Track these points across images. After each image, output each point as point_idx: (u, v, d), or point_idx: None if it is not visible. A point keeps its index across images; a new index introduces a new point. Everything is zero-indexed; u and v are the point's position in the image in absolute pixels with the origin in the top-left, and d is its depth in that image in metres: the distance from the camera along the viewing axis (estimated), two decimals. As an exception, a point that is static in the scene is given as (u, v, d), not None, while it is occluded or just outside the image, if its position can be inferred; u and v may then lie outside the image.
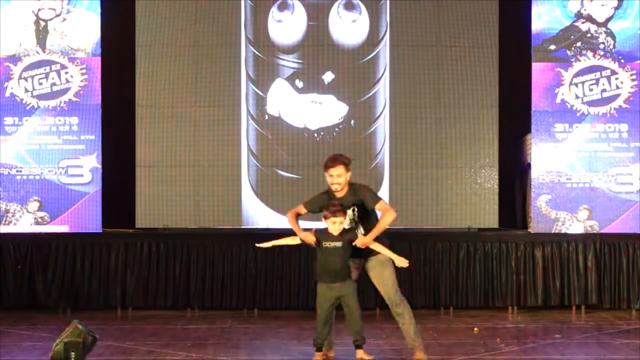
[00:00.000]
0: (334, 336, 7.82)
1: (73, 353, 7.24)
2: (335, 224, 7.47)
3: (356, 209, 7.54)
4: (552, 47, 10.88)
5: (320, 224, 7.74)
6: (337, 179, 7.53)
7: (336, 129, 11.01)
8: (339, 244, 7.47)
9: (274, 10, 10.94)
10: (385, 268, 7.57)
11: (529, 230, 10.97)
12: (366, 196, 7.57)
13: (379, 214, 7.66)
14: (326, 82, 10.99)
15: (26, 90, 10.75)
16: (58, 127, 10.77)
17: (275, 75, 11.00)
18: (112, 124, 10.94)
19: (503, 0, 11.05)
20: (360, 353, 7.53)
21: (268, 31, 10.97)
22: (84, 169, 10.75)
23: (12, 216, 10.70)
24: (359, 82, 11.00)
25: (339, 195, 7.58)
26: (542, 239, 10.72)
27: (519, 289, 10.64)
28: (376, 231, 7.48)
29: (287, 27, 10.95)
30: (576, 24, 10.90)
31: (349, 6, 10.93)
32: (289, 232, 10.91)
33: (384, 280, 7.58)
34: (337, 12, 10.91)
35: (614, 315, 10.41)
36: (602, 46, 10.86)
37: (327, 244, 7.48)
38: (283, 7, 10.93)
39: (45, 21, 10.78)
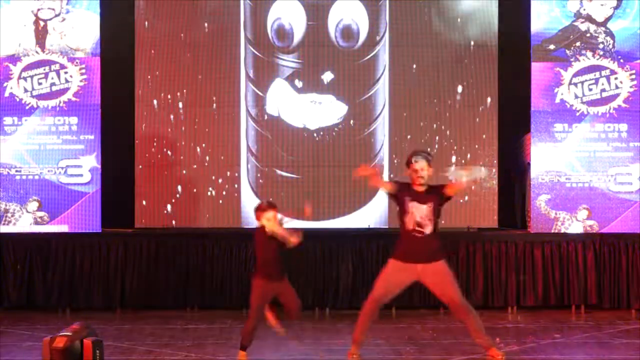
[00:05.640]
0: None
1: (98, 352, 7.25)
2: (270, 221, 7.48)
3: (432, 206, 7.54)
4: (552, 46, 10.88)
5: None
6: (421, 172, 7.59)
7: (335, 129, 11.01)
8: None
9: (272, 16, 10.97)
10: (446, 275, 7.59)
11: (528, 230, 10.97)
12: (438, 186, 7.67)
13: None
14: (325, 82, 10.99)
15: (25, 90, 10.75)
16: (57, 127, 10.76)
17: (274, 75, 11.00)
18: (112, 124, 10.94)
19: (503, 0, 11.05)
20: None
21: (267, 31, 10.97)
22: (84, 168, 10.75)
23: (12, 216, 10.70)
24: (359, 82, 11.00)
25: (420, 189, 7.60)
26: (541, 238, 10.72)
27: (518, 288, 10.64)
28: (459, 185, 7.70)
29: (287, 27, 10.97)
30: (575, 23, 10.90)
31: (347, 37, 10.93)
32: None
33: (445, 287, 7.59)
34: (336, 38, 10.93)
35: (613, 314, 10.40)
36: (601, 46, 10.86)
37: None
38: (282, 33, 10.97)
39: (45, 21, 10.77)
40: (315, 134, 11.00)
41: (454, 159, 11.01)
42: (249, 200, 10.96)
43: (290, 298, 7.58)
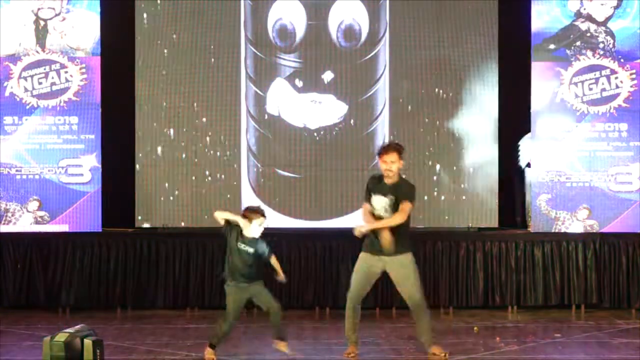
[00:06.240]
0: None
1: (98, 351, 7.26)
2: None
3: (393, 200, 7.55)
4: (552, 46, 10.87)
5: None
6: (391, 165, 7.63)
7: (336, 129, 11.00)
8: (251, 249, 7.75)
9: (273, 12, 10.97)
10: (409, 270, 7.61)
11: (528, 229, 10.97)
12: (404, 191, 7.63)
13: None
14: (326, 82, 10.99)
15: (26, 90, 10.75)
16: (58, 127, 10.77)
17: (275, 75, 11.00)
18: (112, 124, 10.94)
19: (503, 0, 11.04)
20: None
21: (268, 31, 10.96)
22: (84, 168, 10.75)
23: (12, 215, 10.70)
24: (359, 81, 11.00)
25: (388, 182, 7.60)
26: (541, 238, 10.72)
27: (518, 288, 10.63)
28: (377, 224, 7.55)
29: (288, 27, 10.96)
30: (576, 23, 10.90)
31: (348, 37, 10.93)
32: (289, 232, 10.95)
33: (407, 282, 7.63)
34: (336, 38, 10.92)
35: (613, 314, 10.40)
36: (601, 45, 10.85)
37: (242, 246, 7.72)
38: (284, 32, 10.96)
39: (45, 20, 10.77)
40: (315, 134, 10.99)
41: (454, 158, 11.00)
42: (249, 200, 10.95)
43: (265, 299, 7.75)
